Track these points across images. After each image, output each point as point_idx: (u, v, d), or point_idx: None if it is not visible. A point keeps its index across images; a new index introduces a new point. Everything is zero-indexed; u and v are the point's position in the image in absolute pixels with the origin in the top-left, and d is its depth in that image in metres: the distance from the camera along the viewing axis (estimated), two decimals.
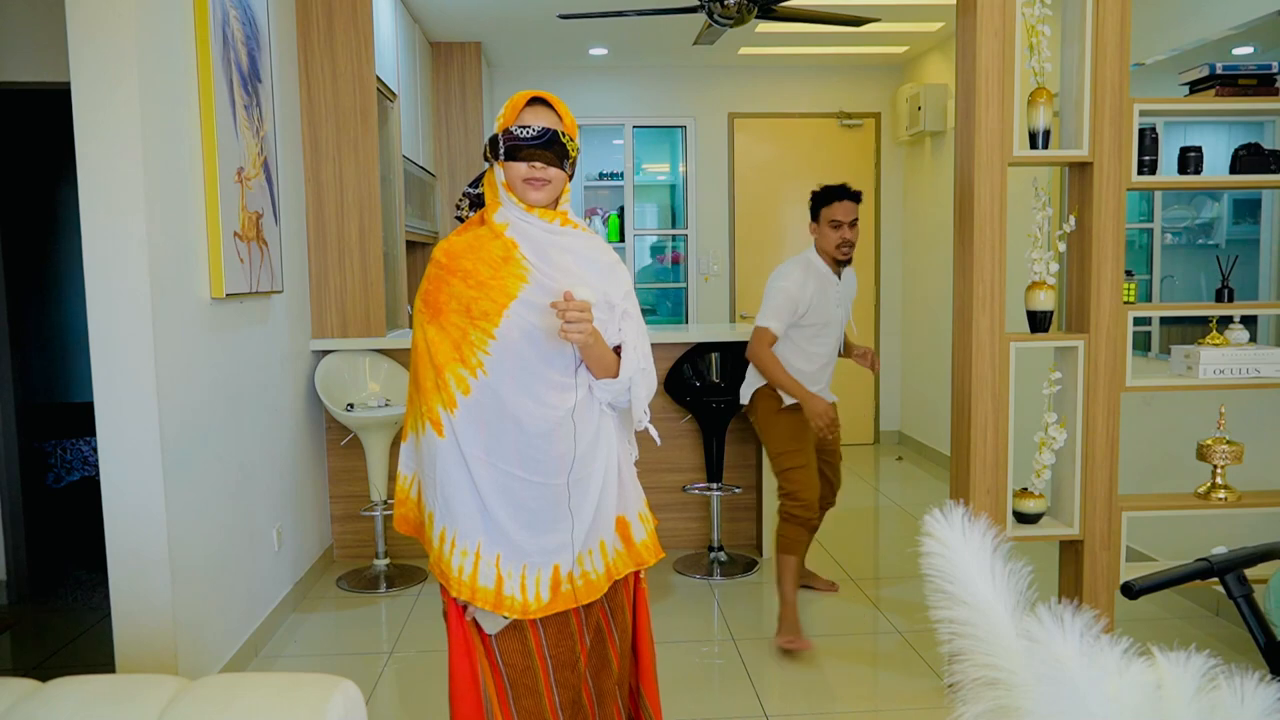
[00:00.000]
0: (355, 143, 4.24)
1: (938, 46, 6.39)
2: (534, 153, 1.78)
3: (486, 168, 1.89)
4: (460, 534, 1.84)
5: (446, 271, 1.84)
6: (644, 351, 1.92)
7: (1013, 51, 2.79)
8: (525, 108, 1.82)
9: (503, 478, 1.82)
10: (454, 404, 1.80)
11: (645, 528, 1.99)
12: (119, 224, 2.61)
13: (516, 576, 1.84)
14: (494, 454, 1.81)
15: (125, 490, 2.68)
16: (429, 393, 1.83)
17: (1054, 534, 2.96)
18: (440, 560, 1.86)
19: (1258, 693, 0.97)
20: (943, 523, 1.14)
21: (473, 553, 1.83)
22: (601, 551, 1.92)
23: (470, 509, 1.83)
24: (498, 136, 1.81)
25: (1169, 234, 4.26)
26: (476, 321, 1.79)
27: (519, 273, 1.80)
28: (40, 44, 3.85)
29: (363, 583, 4.12)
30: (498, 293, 1.80)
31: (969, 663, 1.06)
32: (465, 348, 1.80)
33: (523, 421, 1.80)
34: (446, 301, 1.82)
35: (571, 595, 1.87)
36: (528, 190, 1.80)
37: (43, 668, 3.32)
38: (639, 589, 2.04)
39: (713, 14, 4.21)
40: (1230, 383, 2.91)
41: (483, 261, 1.82)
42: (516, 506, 1.83)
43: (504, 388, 1.80)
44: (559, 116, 1.83)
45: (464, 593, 1.83)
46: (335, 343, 4.26)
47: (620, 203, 7.30)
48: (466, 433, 1.80)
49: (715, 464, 4.30)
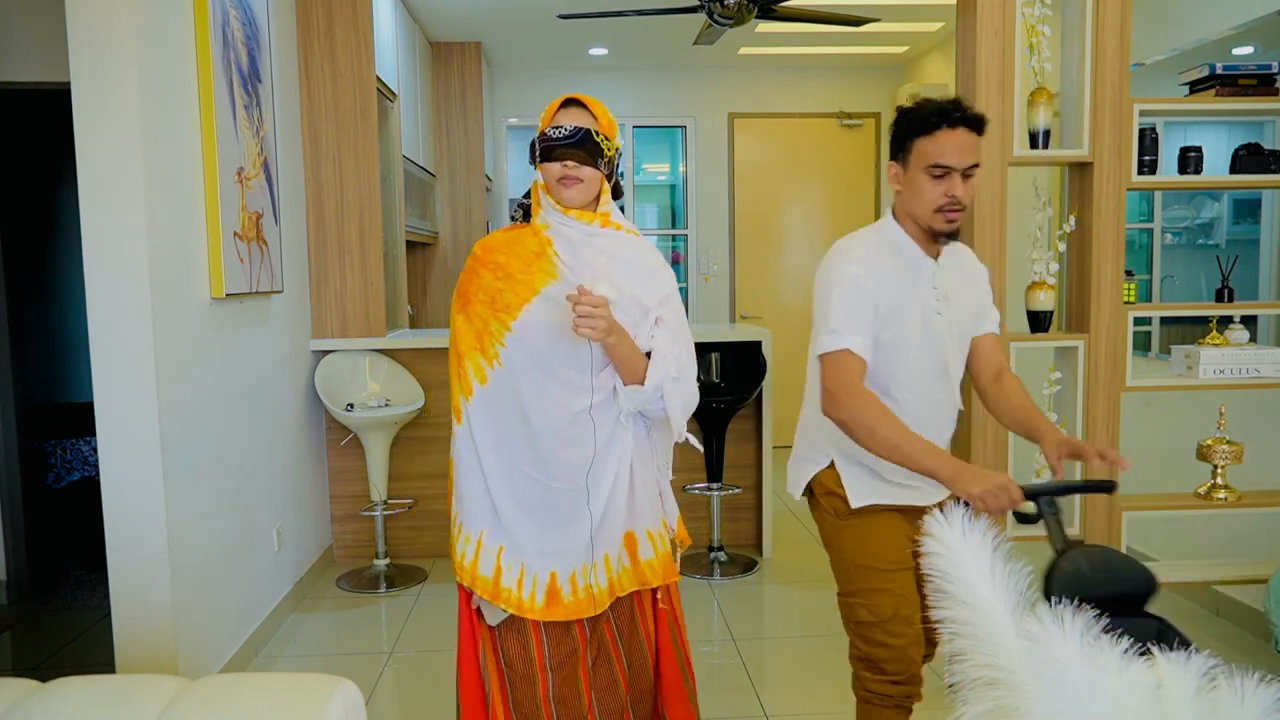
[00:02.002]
0: (355, 143, 4.24)
1: (938, 46, 6.39)
2: (566, 152, 1.79)
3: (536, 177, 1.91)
4: (467, 521, 1.88)
5: (479, 264, 1.88)
6: (683, 361, 1.85)
7: (1013, 51, 2.79)
8: (559, 109, 1.84)
9: (510, 471, 1.84)
10: (470, 392, 1.85)
11: (654, 547, 1.92)
12: (119, 224, 2.61)
13: (515, 572, 1.85)
14: (503, 446, 1.84)
15: (125, 490, 2.68)
16: (454, 379, 1.89)
17: None
18: (451, 544, 1.91)
19: (1258, 693, 0.98)
20: (943, 523, 1.15)
21: (475, 540, 1.87)
22: (605, 565, 1.88)
23: (477, 497, 1.86)
24: (534, 141, 1.84)
25: (1169, 234, 4.26)
26: (498, 313, 1.82)
27: (549, 269, 1.82)
28: (40, 44, 3.85)
29: (363, 583, 4.12)
30: (523, 286, 1.82)
31: (969, 663, 1.06)
32: (485, 338, 1.83)
33: (530, 418, 1.80)
34: (475, 292, 1.86)
35: (572, 607, 1.85)
36: (561, 189, 1.82)
37: (43, 668, 3.32)
38: (659, 610, 1.97)
39: (713, 14, 4.22)
40: (1230, 383, 2.91)
41: (516, 256, 1.85)
42: (520, 501, 1.84)
43: (517, 381, 1.81)
44: (594, 116, 1.83)
45: (465, 579, 1.88)
46: (335, 343, 4.26)
47: (620, 203, 7.30)
48: (480, 421, 1.84)
49: (715, 464, 4.30)
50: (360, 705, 1.64)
